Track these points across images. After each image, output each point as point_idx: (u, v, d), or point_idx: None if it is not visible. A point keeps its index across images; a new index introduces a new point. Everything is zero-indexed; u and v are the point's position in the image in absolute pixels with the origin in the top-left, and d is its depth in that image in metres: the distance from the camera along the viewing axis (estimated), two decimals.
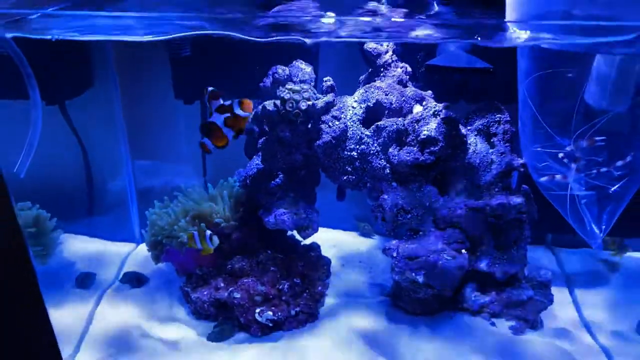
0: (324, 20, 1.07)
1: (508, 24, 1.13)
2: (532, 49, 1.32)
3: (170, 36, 1.19)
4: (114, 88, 1.82)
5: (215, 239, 1.49)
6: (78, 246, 1.95)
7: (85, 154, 1.89)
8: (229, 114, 1.22)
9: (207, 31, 1.16)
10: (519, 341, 1.53)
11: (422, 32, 1.04)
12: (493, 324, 1.59)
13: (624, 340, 1.54)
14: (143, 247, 1.92)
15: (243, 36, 1.04)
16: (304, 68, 1.52)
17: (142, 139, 1.92)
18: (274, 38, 1.12)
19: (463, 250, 1.47)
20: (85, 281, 1.73)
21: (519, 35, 1.18)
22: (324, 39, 1.14)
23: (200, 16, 1.17)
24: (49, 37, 1.06)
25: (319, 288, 1.66)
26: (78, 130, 1.84)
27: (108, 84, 1.80)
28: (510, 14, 1.11)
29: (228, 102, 1.24)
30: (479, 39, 1.10)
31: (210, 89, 1.23)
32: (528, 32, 1.17)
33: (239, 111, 1.22)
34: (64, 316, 1.56)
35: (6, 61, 1.18)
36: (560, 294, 1.75)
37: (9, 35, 1.01)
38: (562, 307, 1.70)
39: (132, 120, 1.87)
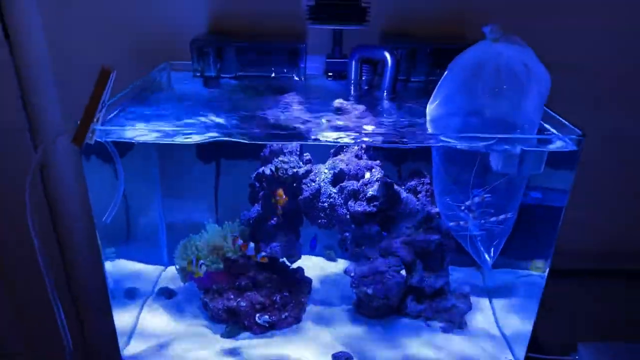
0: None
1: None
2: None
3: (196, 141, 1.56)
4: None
5: (204, 267, 1.89)
6: (122, 267, 2.25)
7: (125, 197, 2.41)
8: None
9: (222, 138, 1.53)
10: (447, 337, 1.98)
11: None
12: (428, 325, 2.03)
13: (522, 333, 1.89)
14: (170, 269, 2.32)
15: (247, 141, 1.55)
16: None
17: (170, 185, 2.29)
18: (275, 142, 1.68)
19: (402, 272, 1.98)
20: (130, 293, 2.12)
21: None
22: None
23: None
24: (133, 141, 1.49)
25: (302, 299, 1.98)
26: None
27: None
28: (428, 115, 1.56)
29: None
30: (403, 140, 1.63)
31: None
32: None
33: None
34: (118, 317, 1.90)
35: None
36: (482, 303, 2.18)
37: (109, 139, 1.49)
38: (482, 312, 2.13)
39: (164, 171, 2.24)
